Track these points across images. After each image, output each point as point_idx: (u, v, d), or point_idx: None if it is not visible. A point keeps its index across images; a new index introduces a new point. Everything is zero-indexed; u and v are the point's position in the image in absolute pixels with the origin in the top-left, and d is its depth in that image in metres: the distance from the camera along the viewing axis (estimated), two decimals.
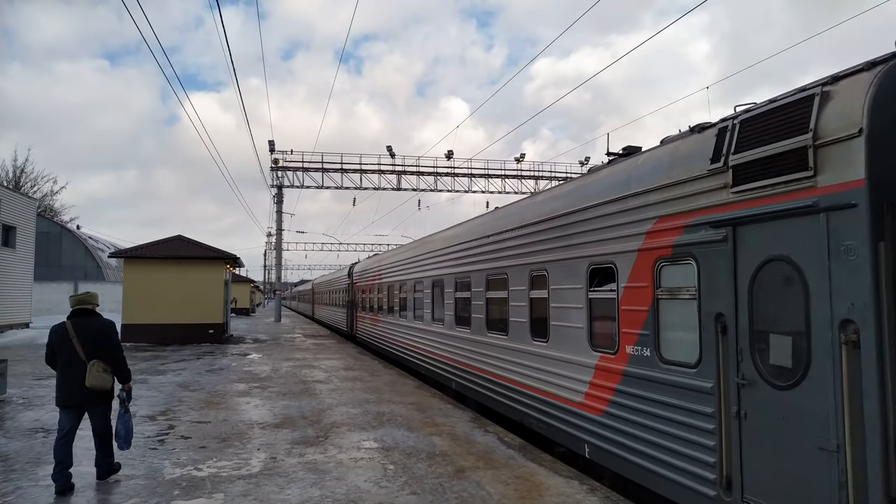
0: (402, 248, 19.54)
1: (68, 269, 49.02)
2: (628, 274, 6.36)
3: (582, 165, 45.23)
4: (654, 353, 5.92)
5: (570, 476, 6.84)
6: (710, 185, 5.29)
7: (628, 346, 6.32)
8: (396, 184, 44.03)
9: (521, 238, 9.16)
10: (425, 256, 14.88)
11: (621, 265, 6.50)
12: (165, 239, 25.78)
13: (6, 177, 59.06)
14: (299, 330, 35.31)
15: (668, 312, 5.84)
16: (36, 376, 14.61)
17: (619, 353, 6.48)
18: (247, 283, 62.74)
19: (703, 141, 5.53)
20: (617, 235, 6.61)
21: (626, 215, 6.46)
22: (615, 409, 6.52)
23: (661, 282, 5.90)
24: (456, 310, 12.33)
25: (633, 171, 6.54)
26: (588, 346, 7.15)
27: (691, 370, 5.42)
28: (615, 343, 6.58)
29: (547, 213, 8.36)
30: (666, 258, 5.82)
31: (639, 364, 6.15)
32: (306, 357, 19.93)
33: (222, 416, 10.00)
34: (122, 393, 6.65)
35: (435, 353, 13.76)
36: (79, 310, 6.61)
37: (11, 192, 31.92)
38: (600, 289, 6.99)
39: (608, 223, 6.81)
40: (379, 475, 6.77)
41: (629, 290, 6.34)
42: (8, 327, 28.20)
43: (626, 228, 6.44)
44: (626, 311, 6.38)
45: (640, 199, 6.24)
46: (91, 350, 6.32)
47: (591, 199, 7.20)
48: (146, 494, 6.14)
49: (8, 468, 6.97)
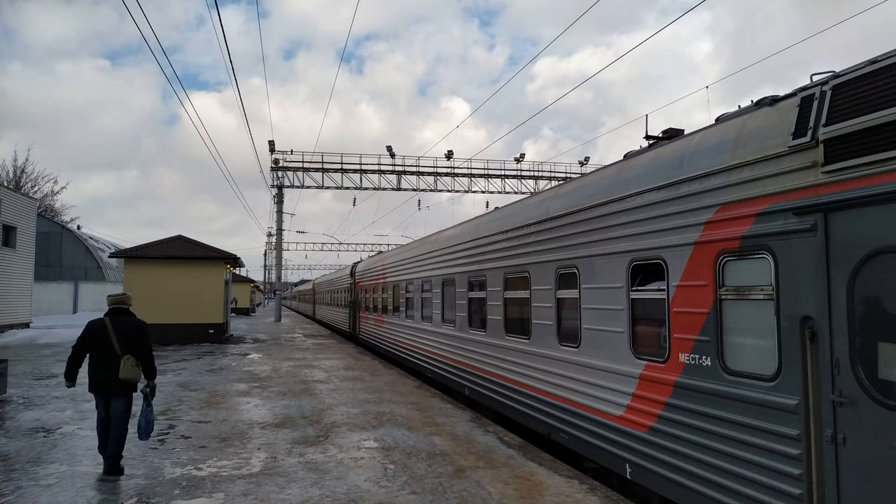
0: (408, 245, 18.47)
1: (68, 269, 48.18)
2: (682, 271, 5.49)
3: (582, 165, 45.07)
4: (717, 362, 5.04)
5: (569, 476, 6.69)
6: (791, 164, 4.44)
7: (682, 353, 5.44)
8: (396, 184, 43.47)
9: (547, 232, 8.20)
10: (435, 254, 13.89)
11: (672, 261, 5.61)
12: (166, 239, 25.47)
13: (6, 177, 58.98)
14: (299, 330, 34.81)
15: (735, 315, 4.97)
16: (36, 376, 14.37)
17: (670, 362, 5.59)
18: (247, 283, 62.45)
19: (780, 114, 4.68)
20: (666, 227, 5.72)
21: (678, 203, 5.58)
22: (665, 425, 5.61)
23: (724, 280, 5.03)
24: (469, 311, 11.32)
25: (686, 154, 5.63)
26: (630, 354, 6.24)
27: (767, 383, 4.56)
28: (664, 350, 5.70)
29: (577, 203, 7.44)
30: (731, 252, 4.95)
31: (696, 375, 5.27)
32: (306, 357, 19.60)
33: (222, 416, 9.84)
34: (146, 388, 7.00)
35: (445, 356, 12.75)
36: (116, 308, 7.11)
37: (12, 192, 31.50)
38: (645, 288, 6.12)
39: (655, 213, 5.90)
40: (379, 475, 6.67)
41: (683, 289, 5.47)
42: (8, 327, 27.81)
43: (678, 219, 5.57)
44: (678, 313, 5.51)
45: (696, 185, 5.37)
46: (125, 345, 6.81)
47: (633, 187, 6.29)
48: (146, 494, 6.05)
49: (8, 468, 6.87)
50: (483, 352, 10.50)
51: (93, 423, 9.06)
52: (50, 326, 31.14)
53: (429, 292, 14.27)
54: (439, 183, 43.64)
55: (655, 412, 5.77)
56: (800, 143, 4.37)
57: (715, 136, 5.39)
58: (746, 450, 4.70)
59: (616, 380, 6.45)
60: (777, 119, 4.71)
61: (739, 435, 4.78)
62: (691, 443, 5.29)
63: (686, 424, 5.36)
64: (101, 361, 6.81)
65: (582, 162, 45.09)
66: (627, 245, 6.35)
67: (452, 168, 43.45)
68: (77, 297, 45.38)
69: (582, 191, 7.57)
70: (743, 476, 4.72)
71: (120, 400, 6.88)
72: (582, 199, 7.40)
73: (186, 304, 23.66)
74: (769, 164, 4.66)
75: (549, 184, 41.58)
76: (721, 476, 4.93)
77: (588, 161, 45.04)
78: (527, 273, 8.77)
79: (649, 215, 6.00)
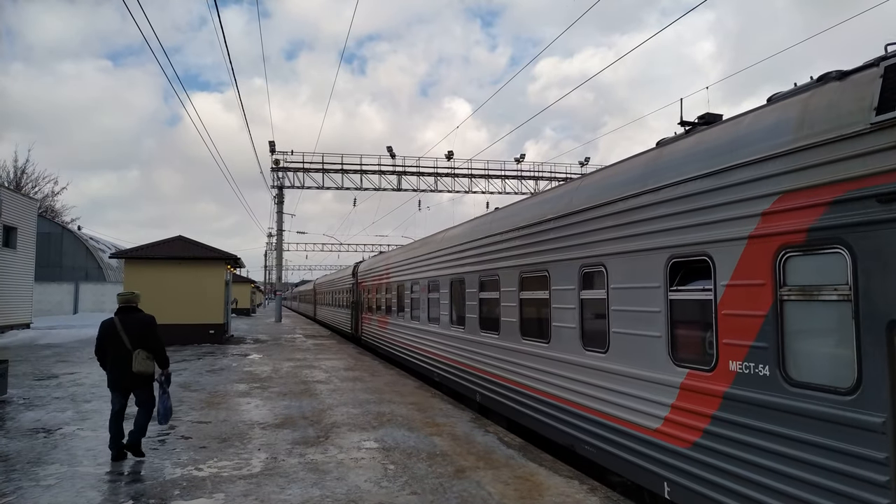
0: (413, 243, 17.70)
1: (69, 269, 47.57)
2: (732, 268, 4.86)
3: (582, 166, 45.04)
4: (777, 371, 4.41)
5: (570, 476, 6.60)
6: (874, 144, 3.84)
7: (733, 361, 4.82)
8: (397, 184, 43.06)
9: (569, 228, 7.52)
10: (442, 252, 13.14)
11: (720, 257, 4.99)
12: (166, 239, 25.20)
13: (7, 177, 58.99)
14: (300, 330, 34.38)
15: (801, 319, 4.34)
16: (37, 377, 14.20)
17: (719, 371, 4.96)
18: (247, 283, 62.36)
19: (856, 88, 4.09)
20: (713, 219, 5.09)
21: (728, 193, 4.95)
22: (712, 441, 4.97)
23: (786, 278, 4.41)
24: (481, 312, 10.61)
25: (737, 138, 5.02)
26: (668, 361, 5.60)
27: (844, 397, 3.94)
28: (711, 357, 5.07)
29: (605, 195, 6.79)
30: (796, 246, 4.33)
31: (751, 385, 4.63)
32: (307, 357, 19.35)
33: (223, 417, 9.74)
34: (161, 377, 7.40)
35: (454, 360, 12.01)
36: (124, 307, 7.45)
37: (12, 193, 31.11)
38: (686, 288, 5.49)
39: (699, 204, 5.26)
40: (379, 475, 6.60)
41: (734, 289, 4.85)
42: (9, 328, 27.57)
43: (728, 210, 4.94)
44: (728, 316, 4.89)
45: (750, 171, 4.75)
46: (136, 341, 7.18)
47: (672, 176, 5.64)
48: (147, 494, 5.99)
49: (9, 468, 6.82)
50: (496, 356, 9.81)
51: (93, 424, 9.10)
52: (50, 327, 31.03)
53: (436, 292, 13.54)
54: (440, 183, 43.34)
55: (700, 426, 5.13)
56: (885, 120, 3.77)
57: (771, 117, 4.76)
58: (817, 473, 4.07)
59: (651, 389, 5.81)
60: (852, 94, 4.11)
61: (807, 455, 4.14)
62: (746, 462, 4.64)
63: (738, 441, 4.72)
64: (115, 358, 7.18)
65: (582, 162, 44.97)
66: (665, 240, 5.69)
67: (453, 168, 43.20)
68: (77, 297, 45.16)
69: (610, 181, 6.88)
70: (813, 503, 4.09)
71: (142, 391, 7.34)
72: (610, 191, 6.72)
73: (187, 305, 23.57)
74: (844, 145, 4.03)
75: (549, 184, 41.53)
76: (784, 502, 4.31)
77: (588, 161, 44.88)
78: (546, 272, 8.11)
79: (692, 207, 5.35)
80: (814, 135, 4.27)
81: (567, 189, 8.15)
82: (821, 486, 4.04)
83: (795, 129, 4.44)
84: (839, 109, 4.16)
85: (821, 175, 4.20)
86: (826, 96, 4.36)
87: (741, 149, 4.91)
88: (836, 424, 3.98)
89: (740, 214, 4.83)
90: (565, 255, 7.62)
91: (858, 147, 3.96)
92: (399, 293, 17.60)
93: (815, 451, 4.11)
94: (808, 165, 4.31)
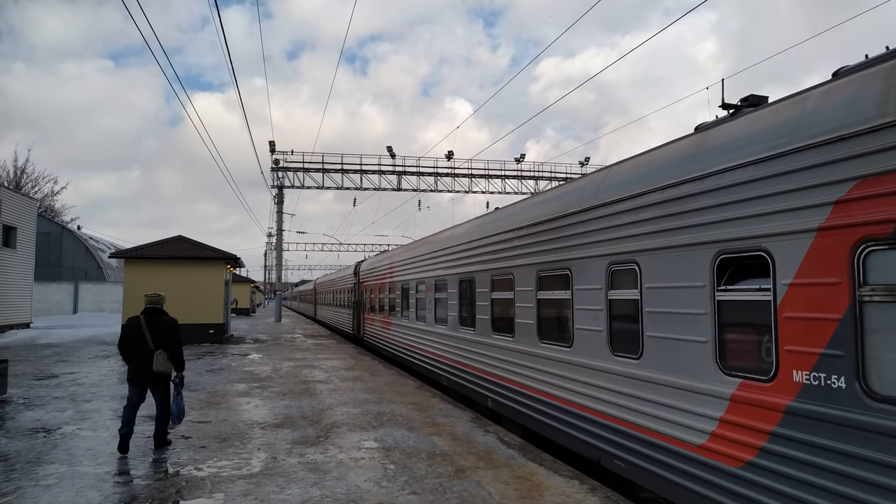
0: (419, 241, 16.99)
1: (69, 269, 46.95)
2: (797, 265, 4.25)
3: (582, 166, 45.09)
4: (856, 383, 3.80)
5: (570, 476, 6.52)
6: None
7: (798, 371, 4.21)
8: (397, 184, 42.74)
9: (596, 222, 6.89)
10: (451, 250, 12.46)
11: (781, 252, 4.38)
12: (166, 239, 24.92)
13: (7, 177, 58.97)
14: (300, 330, 34.03)
15: (887, 323, 3.73)
16: (36, 376, 14.07)
17: (779, 381, 4.34)
18: (247, 283, 62.26)
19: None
20: (771, 209, 4.48)
21: (791, 179, 4.32)
22: (772, 461, 4.34)
23: (866, 276, 3.81)
24: (493, 313, 9.98)
25: (801, 116, 4.39)
26: (716, 369, 4.98)
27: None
28: (769, 366, 4.46)
29: (637, 186, 6.15)
30: (880, 239, 3.74)
31: (821, 399, 4.02)
32: (307, 357, 19.17)
33: (222, 416, 9.67)
34: (176, 379, 7.65)
35: (463, 363, 11.38)
36: (151, 308, 7.74)
37: (12, 193, 30.67)
38: (737, 287, 4.88)
39: (753, 193, 4.65)
40: (379, 475, 6.54)
41: (799, 288, 4.23)
42: (8, 327, 27.28)
43: (791, 198, 4.32)
44: (791, 319, 4.27)
45: (820, 154, 4.13)
46: (158, 341, 7.47)
47: (719, 162, 5.04)
48: (147, 494, 5.94)
49: (8, 468, 6.77)
50: (511, 360, 9.16)
51: (93, 424, 9.17)
52: (50, 327, 30.88)
53: (444, 292, 12.81)
54: (439, 183, 43.01)
55: (756, 444, 4.51)
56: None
57: (846, 92, 4.14)
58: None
59: (695, 400, 5.18)
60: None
61: (892, 482, 3.56)
62: (813, 486, 4.03)
63: (804, 462, 4.09)
64: (137, 355, 7.48)
65: (582, 162, 44.91)
66: (712, 234, 5.06)
67: (453, 168, 42.98)
68: (77, 297, 44.89)
69: (644, 170, 6.24)
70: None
71: (159, 388, 7.63)
72: (645, 180, 6.09)
73: (187, 305, 23.40)
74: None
75: (549, 184, 41.54)
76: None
77: (588, 161, 44.89)
78: (568, 270, 7.49)
79: (745, 196, 4.73)
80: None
81: (593, 179, 7.41)
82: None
83: (880, 105, 3.81)
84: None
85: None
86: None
87: (808, 129, 4.27)
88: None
89: (807, 203, 4.20)
90: (591, 252, 6.97)
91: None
92: (403, 293, 16.90)
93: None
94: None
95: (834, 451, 3.91)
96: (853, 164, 3.93)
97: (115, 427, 8.82)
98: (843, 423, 3.87)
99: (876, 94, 3.88)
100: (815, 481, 4.01)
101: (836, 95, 4.24)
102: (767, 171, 4.56)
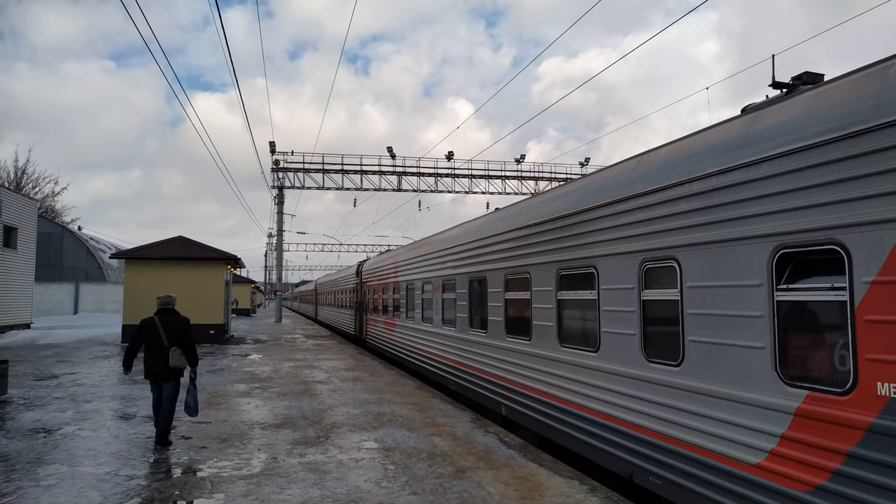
0: (424, 240, 16.39)
1: (69, 270, 46.83)
2: (881, 261, 3.70)
3: (582, 166, 45.12)
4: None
5: (570, 476, 6.50)
6: None
7: (883, 382, 3.65)
8: (397, 185, 42.81)
9: (625, 216, 6.29)
10: (459, 248, 11.90)
11: (860, 246, 3.83)
12: (167, 240, 24.87)
13: (7, 178, 59.02)
14: (300, 331, 33.98)
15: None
16: (37, 377, 14.01)
17: (859, 394, 3.81)
18: (248, 283, 62.36)
19: None
20: (845, 197, 3.93)
21: (871, 162, 3.77)
22: (848, 486, 3.81)
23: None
24: (506, 314, 9.39)
25: (882, 90, 3.79)
26: (776, 378, 4.41)
27: None
28: (845, 376, 3.93)
29: (676, 175, 5.56)
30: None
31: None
32: (307, 357, 19.12)
33: (223, 417, 9.67)
34: (191, 373, 8.03)
35: (473, 367, 10.83)
36: (163, 308, 8.15)
37: (13, 193, 30.52)
38: (802, 286, 4.34)
39: (821, 179, 4.09)
40: (379, 475, 6.54)
41: (883, 287, 3.67)
42: (9, 328, 27.11)
43: (872, 184, 3.77)
44: (874, 323, 3.72)
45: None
46: (173, 339, 7.87)
47: (775, 146, 4.49)
48: (147, 495, 5.95)
49: (9, 468, 6.77)
50: (526, 364, 8.56)
51: (93, 424, 9.26)
52: (51, 327, 30.81)
53: (452, 293, 12.22)
54: (440, 184, 43.13)
55: (830, 466, 3.96)
56: None
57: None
58: None
59: (749, 413, 4.63)
60: None
61: None
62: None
63: (893, 490, 3.53)
64: (153, 353, 7.85)
65: (582, 163, 44.95)
66: (768, 226, 4.51)
67: (453, 169, 43.04)
68: (78, 297, 44.86)
69: (684, 158, 5.65)
70: None
71: (170, 384, 7.96)
72: (685, 169, 5.50)
73: (187, 305, 23.28)
74: None
75: (549, 185, 41.55)
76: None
77: (588, 162, 44.90)
78: (592, 269, 6.92)
79: (811, 182, 4.19)
80: None
81: (623, 169, 6.75)
82: None
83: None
84: None
85: None
86: None
87: (892, 104, 3.72)
88: None
89: (892, 190, 3.64)
90: (621, 248, 6.36)
91: None
92: (409, 293, 16.25)
93: None
94: None
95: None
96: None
97: (116, 427, 8.95)
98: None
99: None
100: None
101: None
102: (837, 155, 3.99)
